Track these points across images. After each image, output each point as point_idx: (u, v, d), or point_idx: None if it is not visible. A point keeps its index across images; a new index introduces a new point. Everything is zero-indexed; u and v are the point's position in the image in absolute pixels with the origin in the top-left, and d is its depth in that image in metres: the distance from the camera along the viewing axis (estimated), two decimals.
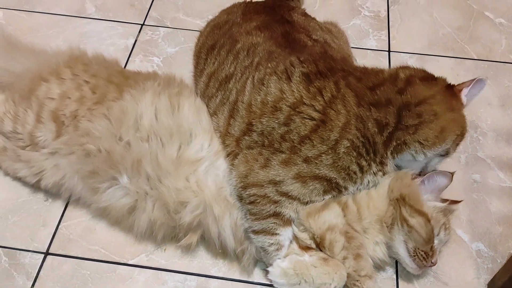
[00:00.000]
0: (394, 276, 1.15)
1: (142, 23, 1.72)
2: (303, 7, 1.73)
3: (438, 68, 1.60)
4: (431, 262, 1.04)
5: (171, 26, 1.72)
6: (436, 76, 1.10)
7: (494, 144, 1.41)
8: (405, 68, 1.11)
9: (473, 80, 1.07)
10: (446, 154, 1.06)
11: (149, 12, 1.76)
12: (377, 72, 1.08)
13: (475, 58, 1.63)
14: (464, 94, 1.06)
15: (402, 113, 1.00)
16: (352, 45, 1.59)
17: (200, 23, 1.72)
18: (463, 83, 1.08)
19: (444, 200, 1.13)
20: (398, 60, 1.62)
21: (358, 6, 1.80)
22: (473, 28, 1.72)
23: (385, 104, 1.00)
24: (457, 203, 1.17)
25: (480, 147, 1.40)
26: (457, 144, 1.07)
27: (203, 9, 1.78)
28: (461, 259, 1.19)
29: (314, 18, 1.42)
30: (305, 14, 1.40)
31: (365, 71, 1.09)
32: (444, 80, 1.09)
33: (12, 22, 1.71)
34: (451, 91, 1.06)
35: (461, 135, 1.05)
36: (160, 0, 1.80)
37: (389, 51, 1.65)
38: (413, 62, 1.62)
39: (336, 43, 1.35)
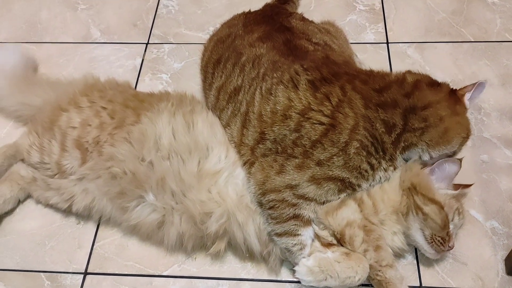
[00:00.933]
0: (415, 262, 1.21)
1: (146, 42, 1.78)
2: (299, 8, 1.79)
3: (436, 54, 1.65)
4: (449, 246, 1.10)
5: (174, 41, 1.78)
6: (439, 82, 1.15)
7: (498, 123, 1.46)
8: (411, 73, 1.16)
9: (474, 84, 1.13)
10: (452, 154, 1.13)
11: (152, 30, 1.82)
12: (383, 75, 1.14)
13: (472, 40, 1.67)
14: (467, 99, 1.12)
15: (408, 116, 1.06)
16: (351, 41, 1.64)
17: (202, 36, 1.78)
18: (465, 87, 1.14)
19: (456, 187, 1.17)
20: (397, 51, 1.66)
21: (352, 1, 1.84)
22: (467, 11, 1.76)
23: (392, 105, 1.06)
24: (468, 187, 1.22)
25: (485, 127, 1.45)
26: (463, 145, 1.13)
27: (203, 21, 1.83)
28: (477, 239, 1.24)
29: (312, 21, 1.47)
30: (303, 19, 1.46)
31: (370, 73, 1.14)
32: (447, 85, 1.15)
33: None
34: (455, 96, 1.11)
35: (466, 138, 1.12)
36: (161, 17, 1.86)
37: (387, 42, 1.70)
38: (412, 51, 1.66)
39: (336, 43, 1.40)
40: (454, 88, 1.15)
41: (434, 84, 1.12)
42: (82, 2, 1.94)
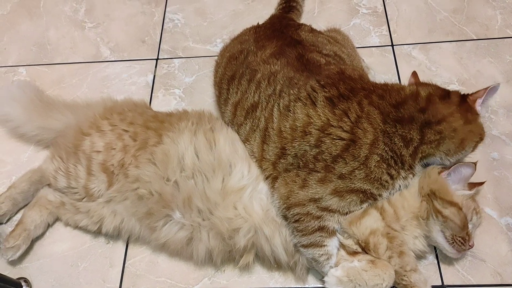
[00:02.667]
0: (436, 261, 1.26)
1: (156, 57, 1.82)
2: (303, 15, 1.83)
3: (441, 54, 1.68)
4: (469, 245, 1.15)
5: (183, 55, 1.81)
6: (450, 90, 1.20)
7: (506, 120, 1.50)
8: (422, 85, 1.20)
9: (486, 88, 1.17)
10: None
11: (160, 45, 1.85)
12: (398, 89, 1.17)
13: (475, 38, 1.71)
14: (478, 105, 1.17)
15: (424, 130, 1.11)
16: (356, 45, 1.67)
17: (210, 48, 1.81)
18: (477, 92, 1.18)
19: (471, 186, 1.22)
20: (402, 53, 1.70)
21: (355, 5, 1.88)
22: (468, 9, 1.80)
23: (409, 121, 1.10)
24: (481, 185, 1.27)
25: (494, 125, 1.49)
26: (477, 147, 1.19)
27: (209, 34, 1.86)
28: (493, 235, 1.30)
29: (320, 32, 1.51)
30: (312, 30, 1.49)
31: (385, 88, 1.18)
32: (458, 94, 1.19)
33: (36, 77, 1.81)
34: (466, 104, 1.16)
35: (480, 141, 1.17)
36: (168, 32, 1.89)
37: (392, 45, 1.73)
38: (416, 52, 1.70)
39: (345, 52, 1.44)
40: (465, 94, 1.19)
41: (445, 96, 1.16)
42: (89, 20, 1.97)
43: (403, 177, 1.14)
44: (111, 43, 1.88)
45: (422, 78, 1.33)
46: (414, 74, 1.32)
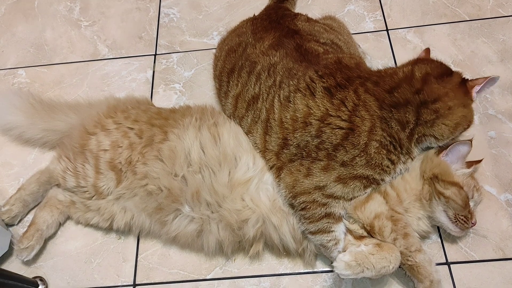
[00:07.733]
0: (439, 240, 1.30)
1: (154, 53, 1.83)
2: (297, 4, 1.84)
3: (435, 36, 1.71)
4: (472, 223, 1.19)
5: (181, 50, 1.83)
6: (452, 70, 1.20)
7: (501, 99, 1.53)
8: (420, 64, 1.20)
9: (486, 78, 1.18)
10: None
11: (158, 40, 1.87)
12: (392, 74, 1.19)
13: (468, 19, 1.73)
14: (475, 91, 1.18)
15: (420, 111, 1.13)
16: (352, 32, 1.69)
17: (207, 41, 1.83)
18: (477, 79, 1.19)
19: (469, 164, 1.26)
20: (397, 37, 1.72)
21: None
22: None
23: (404, 104, 1.13)
24: (479, 162, 1.30)
25: (490, 104, 1.53)
26: (462, 133, 1.21)
27: (205, 27, 1.88)
28: (493, 212, 1.34)
29: (316, 21, 1.53)
30: (308, 19, 1.51)
31: (379, 74, 1.20)
32: (458, 75, 1.20)
33: (36, 78, 1.82)
34: (464, 87, 1.17)
35: (467, 127, 1.19)
36: (164, 26, 1.90)
37: (387, 30, 1.76)
38: (411, 35, 1.72)
39: (341, 40, 1.47)
40: (465, 78, 1.20)
41: (443, 75, 1.17)
42: (84, 19, 1.98)
43: (403, 161, 1.17)
44: (108, 41, 1.89)
45: None
46: (427, 50, 1.31)
